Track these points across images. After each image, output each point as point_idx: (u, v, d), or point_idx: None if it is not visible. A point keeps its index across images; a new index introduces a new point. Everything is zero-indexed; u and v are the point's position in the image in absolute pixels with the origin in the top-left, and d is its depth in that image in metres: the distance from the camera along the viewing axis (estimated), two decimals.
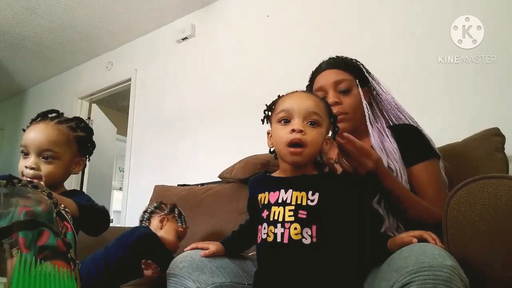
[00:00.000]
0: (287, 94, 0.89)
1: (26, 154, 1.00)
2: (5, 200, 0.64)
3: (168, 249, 1.27)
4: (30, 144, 0.99)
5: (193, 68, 2.79)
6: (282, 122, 0.84)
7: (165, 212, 1.39)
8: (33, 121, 1.04)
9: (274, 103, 0.90)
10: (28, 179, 0.96)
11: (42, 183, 0.87)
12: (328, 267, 0.76)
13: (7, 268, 0.57)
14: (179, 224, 1.37)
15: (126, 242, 1.18)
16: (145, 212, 1.42)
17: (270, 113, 0.90)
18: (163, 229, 1.35)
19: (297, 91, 0.90)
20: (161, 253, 1.18)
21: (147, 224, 1.38)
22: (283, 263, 0.77)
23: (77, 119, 1.10)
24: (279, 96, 0.90)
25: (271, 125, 0.90)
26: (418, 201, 0.93)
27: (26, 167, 0.98)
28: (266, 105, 0.91)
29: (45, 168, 0.99)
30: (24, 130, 1.06)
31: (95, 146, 1.15)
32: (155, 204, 1.43)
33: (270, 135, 0.90)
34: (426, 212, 0.91)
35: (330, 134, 0.91)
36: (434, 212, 0.89)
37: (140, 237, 1.19)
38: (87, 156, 1.14)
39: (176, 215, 1.39)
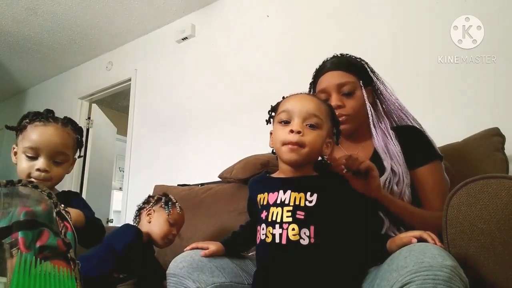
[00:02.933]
0: (290, 96, 0.89)
1: (33, 156, 0.99)
2: (5, 200, 0.64)
3: (141, 261, 1.24)
4: (43, 147, 0.98)
5: (193, 68, 2.79)
6: (282, 123, 0.84)
7: (151, 204, 1.36)
8: (31, 121, 1.02)
9: (278, 104, 0.90)
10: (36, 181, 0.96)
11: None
12: (326, 268, 0.76)
13: (7, 268, 0.57)
14: (166, 212, 1.32)
15: (108, 257, 1.16)
16: (136, 210, 1.40)
17: (274, 114, 0.90)
18: (152, 222, 1.32)
19: (300, 93, 0.90)
20: (132, 264, 1.17)
21: (137, 220, 1.36)
22: (281, 264, 0.77)
23: (71, 120, 1.10)
24: (283, 97, 0.91)
25: (273, 125, 0.90)
26: (415, 215, 0.94)
27: (38, 169, 0.97)
28: (272, 105, 0.92)
29: (55, 171, 1.00)
30: (17, 130, 1.03)
31: (83, 146, 1.15)
32: (143, 200, 1.41)
33: (272, 135, 0.90)
34: (426, 224, 0.91)
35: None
36: (437, 219, 0.87)
37: (121, 252, 1.16)
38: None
39: (162, 203, 1.35)
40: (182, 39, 2.85)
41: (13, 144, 1.06)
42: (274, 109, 0.90)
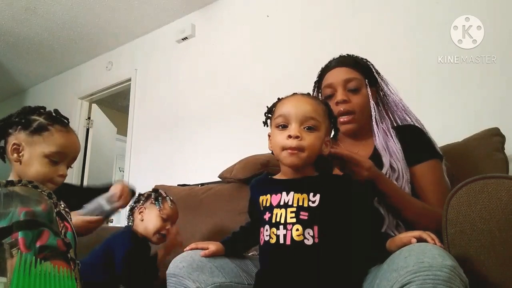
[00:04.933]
0: (285, 98, 0.88)
1: (55, 162, 0.98)
2: (5, 200, 0.64)
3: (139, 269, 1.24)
4: (70, 154, 1.00)
5: (193, 68, 2.79)
6: (280, 127, 0.84)
7: (141, 202, 1.35)
8: (52, 124, 0.99)
9: (274, 106, 0.90)
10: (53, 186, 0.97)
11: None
12: (330, 267, 0.76)
13: (7, 268, 0.57)
14: (157, 207, 1.30)
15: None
16: (128, 210, 1.38)
17: (270, 115, 0.90)
18: (144, 220, 1.30)
19: (296, 93, 0.89)
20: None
21: (131, 220, 1.35)
22: (286, 265, 0.78)
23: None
24: (278, 99, 0.90)
25: (271, 128, 0.90)
26: (415, 204, 0.94)
27: (61, 175, 0.98)
28: (267, 106, 0.91)
29: (66, 173, 1.02)
30: (31, 129, 0.97)
31: None
32: (134, 199, 1.39)
33: (270, 138, 0.90)
34: (425, 214, 0.92)
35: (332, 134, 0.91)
36: (436, 214, 0.88)
37: (121, 261, 1.17)
38: None
39: (153, 199, 1.33)
40: (182, 39, 2.85)
41: (13, 141, 0.96)
42: (270, 111, 0.90)
